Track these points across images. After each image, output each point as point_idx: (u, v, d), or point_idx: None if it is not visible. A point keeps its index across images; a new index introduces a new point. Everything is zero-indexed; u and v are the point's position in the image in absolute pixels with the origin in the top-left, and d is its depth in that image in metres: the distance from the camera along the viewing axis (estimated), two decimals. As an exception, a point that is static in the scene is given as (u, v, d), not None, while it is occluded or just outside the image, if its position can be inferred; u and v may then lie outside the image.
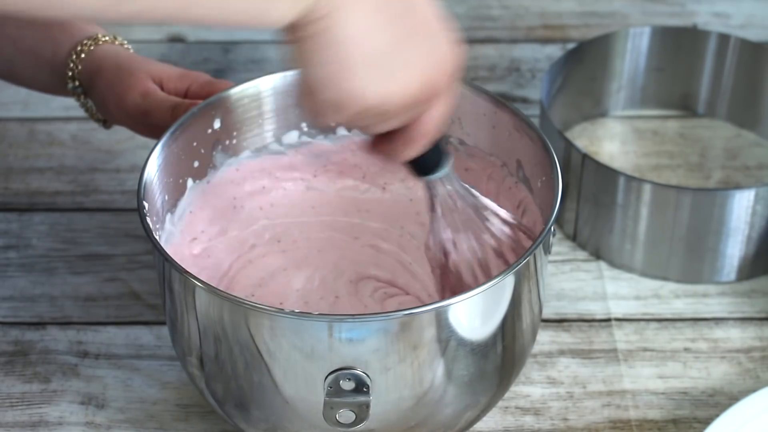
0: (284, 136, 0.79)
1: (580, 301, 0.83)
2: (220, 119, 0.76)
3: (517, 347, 0.69)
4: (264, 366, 0.64)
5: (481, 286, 0.63)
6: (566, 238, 0.88)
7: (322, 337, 0.63)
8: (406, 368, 0.64)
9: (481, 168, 0.78)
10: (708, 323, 0.82)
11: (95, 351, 0.80)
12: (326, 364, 0.63)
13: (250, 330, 0.63)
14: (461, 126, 0.78)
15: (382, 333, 0.63)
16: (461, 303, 0.63)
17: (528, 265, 0.66)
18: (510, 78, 1.05)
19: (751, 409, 0.71)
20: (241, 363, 0.65)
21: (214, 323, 0.65)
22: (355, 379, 0.63)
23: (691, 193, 0.82)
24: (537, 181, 0.73)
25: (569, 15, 1.13)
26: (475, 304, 0.64)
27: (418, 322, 0.63)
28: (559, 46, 1.08)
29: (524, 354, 0.71)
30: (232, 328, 0.64)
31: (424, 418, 0.67)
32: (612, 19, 1.12)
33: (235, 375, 0.66)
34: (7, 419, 0.75)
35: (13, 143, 0.97)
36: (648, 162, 0.95)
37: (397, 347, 0.64)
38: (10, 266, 0.86)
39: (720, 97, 0.98)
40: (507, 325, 0.67)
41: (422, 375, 0.65)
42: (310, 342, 0.63)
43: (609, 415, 0.75)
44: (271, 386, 0.65)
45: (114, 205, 0.91)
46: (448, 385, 0.66)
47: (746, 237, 0.83)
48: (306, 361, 0.64)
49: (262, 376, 0.65)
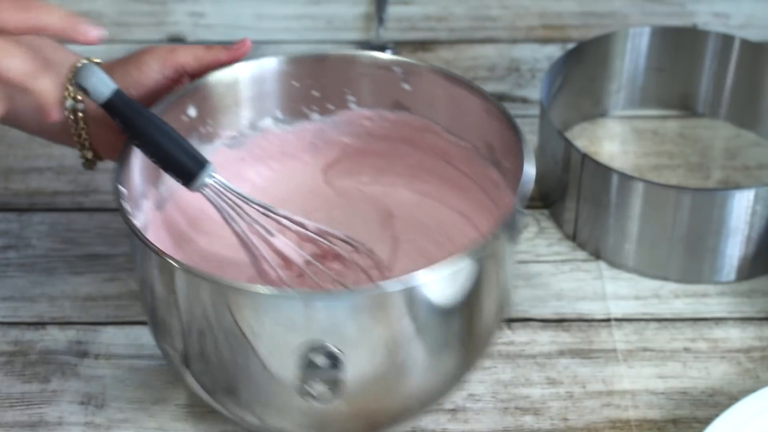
0: (259, 122, 0.80)
1: (579, 301, 0.83)
2: (195, 107, 0.77)
3: (483, 323, 0.70)
4: (241, 345, 0.65)
5: (445, 265, 0.65)
6: (566, 238, 0.88)
7: (297, 313, 0.64)
8: (377, 343, 0.66)
9: (454, 151, 0.79)
10: (708, 323, 0.82)
11: (95, 351, 0.80)
12: (299, 340, 0.64)
13: (231, 311, 0.65)
14: (432, 109, 0.79)
15: (352, 309, 0.64)
16: (428, 281, 0.64)
17: (491, 244, 0.67)
18: (510, 78, 1.05)
19: (750, 409, 0.71)
20: (224, 346, 0.66)
21: (193, 305, 0.66)
22: (327, 355, 0.65)
23: (691, 193, 0.82)
24: (507, 163, 0.74)
25: (569, 15, 1.13)
26: (442, 282, 0.65)
27: (387, 298, 0.64)
28: (559, 46, 1.08)
29: (491, 330, 0.72)
30: (215, 312, 0.65)
31: (395, 392, 0.68)
32: (612, 19, 1.12)
33: (218, 359, 0.67)
34: (7, 419, 0.75)
35: (13, 143, 0.97)
36: (648, 162, 0.95)
37: (368, 323, 0.65)
38: (10, 266, 0.86)
39: (720, 97, 0.98)
40: (473, 302, 0.68)
41: (392, 350, 0.66)
42: (283, 318, 0.64)
43: (609, 415, 0.75)
44: (244, 365, 0.66)
45: (114, 205, 0.91)
46: (415, 361, 0.67)
47: (746, 237, 0.83)
48: (279, 338, 0.65)
49: (239, 355, 0.66)
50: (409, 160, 0.82)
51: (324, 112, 0.81)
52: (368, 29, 1.11)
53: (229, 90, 0.78)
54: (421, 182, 0.82)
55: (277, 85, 0.80)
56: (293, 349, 0.64)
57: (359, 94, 0.80)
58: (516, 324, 0.82)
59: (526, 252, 0.87)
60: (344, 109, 0.81)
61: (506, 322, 0.81)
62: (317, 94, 0.80)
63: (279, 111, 0.81)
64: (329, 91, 0.80)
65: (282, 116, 0.81)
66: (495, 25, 1.12)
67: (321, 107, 0.81)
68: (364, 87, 0.80)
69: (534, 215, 0.90)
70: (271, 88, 0.80)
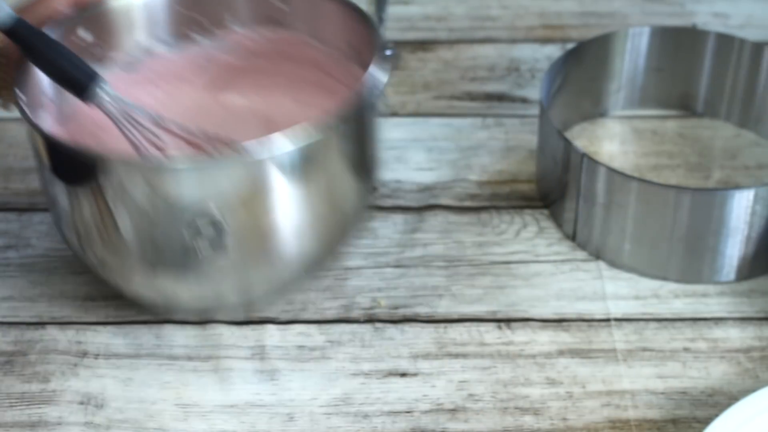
0: (150, 46, 0.87)
1: (579, 301, 0.84)
2: (90, 31, 0.83)
3: (350, 189, 0.79)
4: (132, 218, 0.73)
5: (303, 133, 0.72)
6: (565, 238, 0.88)
7: (180, 183, 0.71)
8: (254, 208, 0.73)
9: (326, 60, 0.86)
10: (707, 323, 0.82)
11: (94, 351, 0.80)
12: (183, 209, 0.72)
13: (123, 184, 0.71)
14: (304, 22, 0.87)
15: (227, 176, 0.72)
16: (291, 148, 0.72)
17: (349, 109, 0.74)
18: (509, 78, 1.05)
19: (750, 409, 0.71)
20: (117, 222, 0.73)
21: (81, 181, 0.73)
22: (209, 222, 0.72)
23: (691, 193, 0.82)
24: (368, 59, 0.80)
25: (569, 15, 1.13)
26: (298, 154, 0.73)
27: (253, 166, 0.72)
28: (559, 46, 1.08)
29: (362, 197, 0.80)
30: (106, 186, 0.72)
31: (273, 255, 0.76)
32: (611, 19, 1.13)
33: (112, 236, 0.74)
34: (6, 419, 0.75)
35: (13, 143, 0.97)
36: (647, 162, 0.95)
37: (243, 189, 0.72)
38: (10, 266, 0.86)
39: (719, 97, 0.98)
40: (337, 168, 0.76)
41: (264, 214, 0.74)
42: (168, 188, 0.71)
43: (608, 415, 0.76)
44: (135, 238, 0.74)
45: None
46: (288, 225, 0.76)
47: (746, 237, 0.83)
48: (166, 208, 0.72)
49: (128, 229, 0.74)
50: (288, 74, 0.89)
51: (208, 35, 0.89)
52: (368, 29, 1.11)
53: (122, 16, 0.85)
54: (300, 91, 0.88)
55: (165, 11, 0.87)
56: (178, 218, 0.72)
57: (238, 16, 0.88)
58: (515, 324, 0.82)
59: (526, 252, 0.87)
60: (226, 30, 0.89)
61: (506, 322, 0.82)
62: (201, 19, 0.88)
63: (168, 35, 0.87)
64: (210, 15, 0.88)
65: (171, 40, 0.88)
66: (495, 25, 1.12)
67: (205, 31, 0.88)
68: (241, 9, 0.88)
69: (534, 215, 0.91)
70: (160, 13, 0.87)
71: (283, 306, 0.83)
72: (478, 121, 1.00)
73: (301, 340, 0.80)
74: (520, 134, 0.99)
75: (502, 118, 1.01)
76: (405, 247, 0.88)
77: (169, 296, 0.78)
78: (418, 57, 1.08)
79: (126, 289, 0.79)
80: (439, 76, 1.05)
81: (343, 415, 0.75)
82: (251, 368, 0.78)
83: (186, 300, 0.79)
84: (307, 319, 0.82)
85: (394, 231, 0.89)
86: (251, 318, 0.82)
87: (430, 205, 0.92)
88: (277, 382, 0.78)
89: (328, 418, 0.75)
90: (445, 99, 1.03)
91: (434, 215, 0.91)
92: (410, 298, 0.84)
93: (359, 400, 0.76)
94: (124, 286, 0.79)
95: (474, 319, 0.82)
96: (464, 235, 0.89)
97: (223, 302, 0.80)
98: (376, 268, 0.86)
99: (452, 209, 0.91)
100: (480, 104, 1.02)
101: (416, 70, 1.06)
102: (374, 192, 0.86)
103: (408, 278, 0.85)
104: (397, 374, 0.78)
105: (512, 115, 1.01)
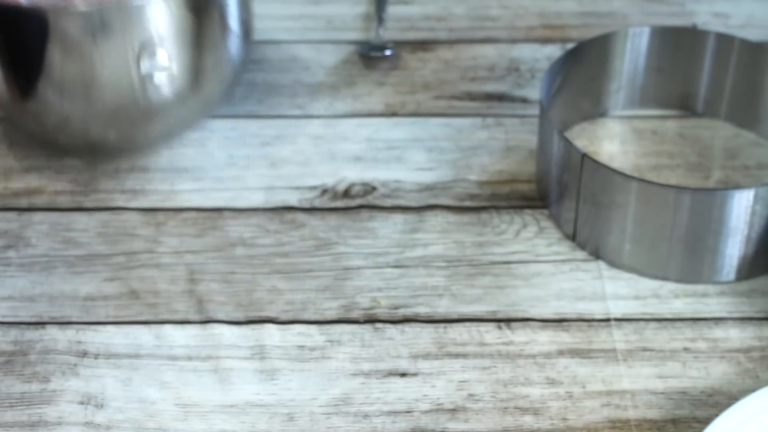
0: None
1: (579, 300, 0.83)
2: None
3: (227, 33, 0.90)
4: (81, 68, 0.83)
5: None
6: (565, 238, 0.88)
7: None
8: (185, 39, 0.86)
9: None
10: (707, 323, 0.82)
11: (95, 351, 0.80)
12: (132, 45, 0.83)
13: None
14: None
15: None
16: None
17: None
18: (509, 78, 1.05)
19: (750, 409, 0.71)
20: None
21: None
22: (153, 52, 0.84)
23: (691, 193, 0.82)
24: None
25: (569, 15, 1.13)
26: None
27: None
28: (559, 46, 1.08)
29: (239, 48, 0.93)
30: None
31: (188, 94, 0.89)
32: (611, 19, 1.12)
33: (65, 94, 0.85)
34: (6, 419, 0.75)
35: (13, 143, 0.97)
36: (647, 162, 0.95)
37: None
38: (10, 266, 0.86)
39: (719, 97, 0.98)
40: (213, 16, 0.88)
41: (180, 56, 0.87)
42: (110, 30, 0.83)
43: (608, 415, 0.76)
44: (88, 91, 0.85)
45: (114, 204, 0.91)
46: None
47: (745, 237, 0.83)
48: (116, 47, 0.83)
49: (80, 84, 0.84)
50: None
51: None
52: (368, 29, 1.11)
53: None
54: None
55: None
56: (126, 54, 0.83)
57: None
58: (515, 324, 0.82)
59: (526, 252, 0.87)
60: None
61: (505, 322, 0.82)
62: None
63: None
64: None
65: None
66: (495, 25, 1.12)
67: None
68: None
69: (534, 215, 0.91)
70: None
71: (283, 306, 0.83)
72: (478, 121, 1.00)
73: (301, 340, 0.80)
74: (520, 134, 0.99)
75: (502, 118, 1.01)
76: (405, 247, 0.88)
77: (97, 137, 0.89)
78: (418, 57, 1.08)
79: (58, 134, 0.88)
80: (439, 76, 1.05)
81: (343, 415, 0.75)
82: (251, 368, 0.78)
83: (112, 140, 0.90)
84: (307, 319, 0.82)
85: (394, 231, 0.89)
86: (251, 318, 0.82)
87: (430, 205, 0.92)
88: (276, 382, 0.78)
89: (328, 418, 0.75)
90: (445, 99, 1.03)
91: (434, 215, 0.91)
92: (410, 298, 0.84)
93: (359, 400, 0.76)
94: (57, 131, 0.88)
95: (474, 319, 0.82)
96: (464, 235, 0.89)
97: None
98: (376, 268, 0.86)
99: (452, 209, 0.91)
100: (480, 104, 1.02)
101: (416, 70, 1.06)
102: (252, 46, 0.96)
103: (408, 278, 0.85)
104: (397, 374, 0.78)
105: (512, 115, 1.01)
